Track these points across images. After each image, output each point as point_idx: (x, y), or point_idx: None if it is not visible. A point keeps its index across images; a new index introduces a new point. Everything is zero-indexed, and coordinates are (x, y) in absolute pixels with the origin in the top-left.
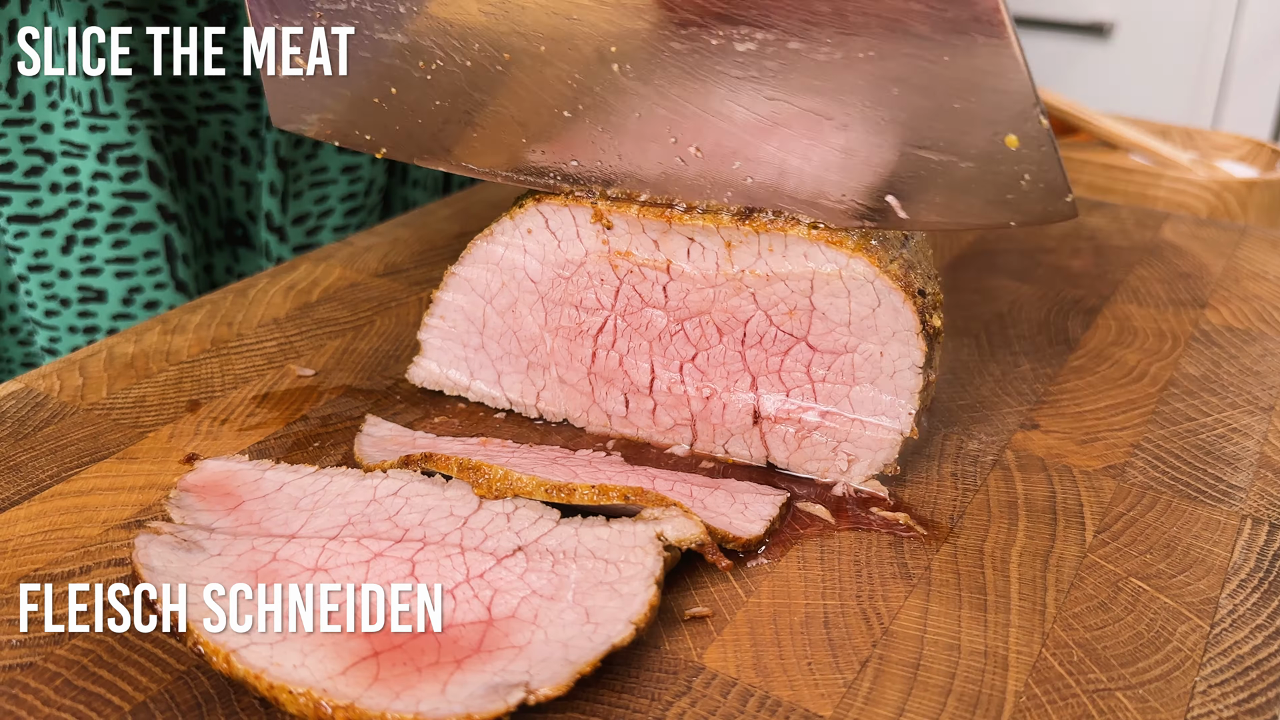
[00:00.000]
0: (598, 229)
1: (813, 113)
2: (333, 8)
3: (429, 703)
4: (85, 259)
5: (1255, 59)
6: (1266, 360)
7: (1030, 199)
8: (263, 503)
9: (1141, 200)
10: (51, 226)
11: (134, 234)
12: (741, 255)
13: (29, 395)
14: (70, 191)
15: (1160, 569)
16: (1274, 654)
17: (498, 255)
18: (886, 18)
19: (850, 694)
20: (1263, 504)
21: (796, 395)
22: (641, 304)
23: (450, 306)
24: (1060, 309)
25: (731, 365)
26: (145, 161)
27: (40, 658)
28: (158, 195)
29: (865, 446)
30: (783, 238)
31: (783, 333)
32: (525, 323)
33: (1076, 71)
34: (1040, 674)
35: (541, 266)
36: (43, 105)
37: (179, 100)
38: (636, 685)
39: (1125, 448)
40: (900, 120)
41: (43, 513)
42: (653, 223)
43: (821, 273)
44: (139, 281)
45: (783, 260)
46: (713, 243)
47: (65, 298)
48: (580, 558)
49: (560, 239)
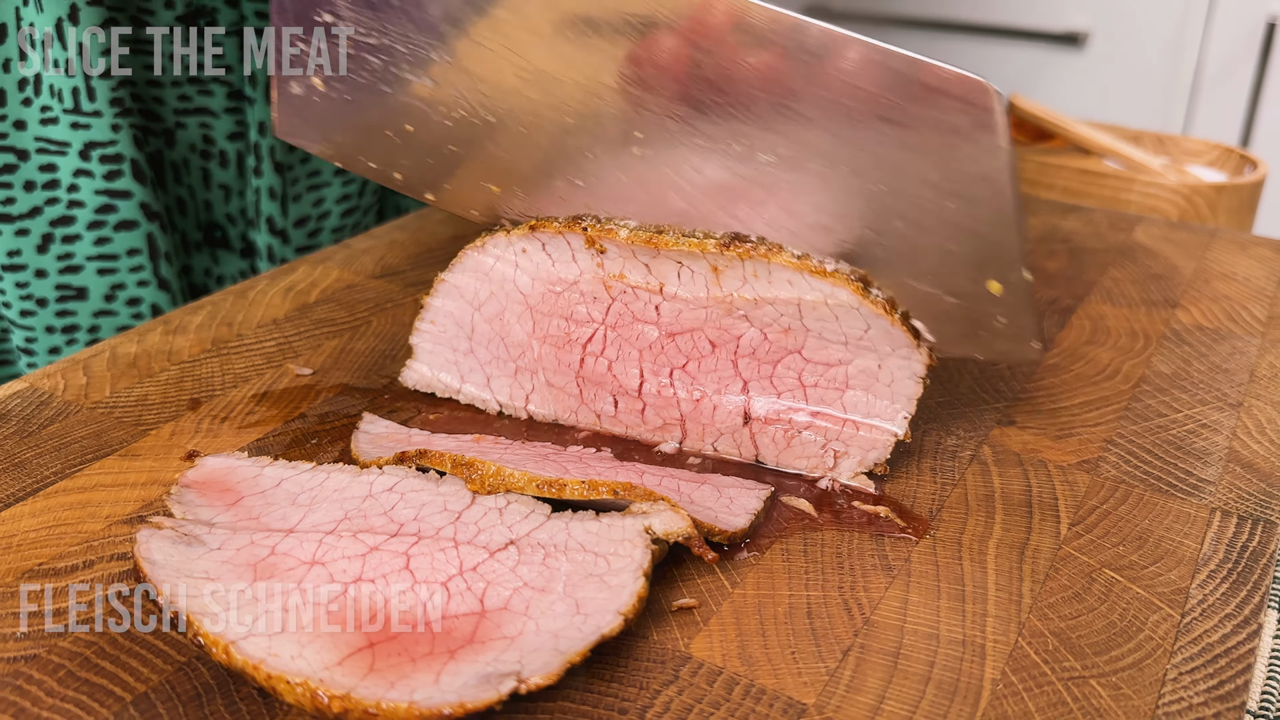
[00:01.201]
0: (592, 253)
1: (819, 226)
2: (363, 39)
3: (423, 692)
4: (64, 257)
5: (1224, 68)
6: (1235, 358)
7: (1001, 339)
8: (261, 498)
9: (1115, 204)
10: (27, 225)
11: (117, 231)
12: (728, 280)
13: (34, 394)
14: (48, 189)
15: (1132, 560)
16: (1242, 642)
17: (488, 266)
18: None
19: (833, 682)
20: (1231, 497)
21: (788, 398)
22: (634, 319)
23: (440, 312)
24: (1036, 309)
25: (723, 372)
26: (129, 160)
27: (44, 650)
28: (141, 194)
29: (857, 446)
30: (766, 265)
31: (777, 346)
32: (512, 330)
33: (1052, 79)
34: (1017, 662)
35: (532, 281)
36: (15, 102)
37: (156, 102)
38: (625, 674)
39: (1099, 443)
40: (898, 252)
41: (47, 508)
42: (642, 248)
43: (807, 300)
44: (122, 279)
45: (768, 286)
46: (700, 267)
47: (42, 297)
48: (570, 551)
49: (555, 260)
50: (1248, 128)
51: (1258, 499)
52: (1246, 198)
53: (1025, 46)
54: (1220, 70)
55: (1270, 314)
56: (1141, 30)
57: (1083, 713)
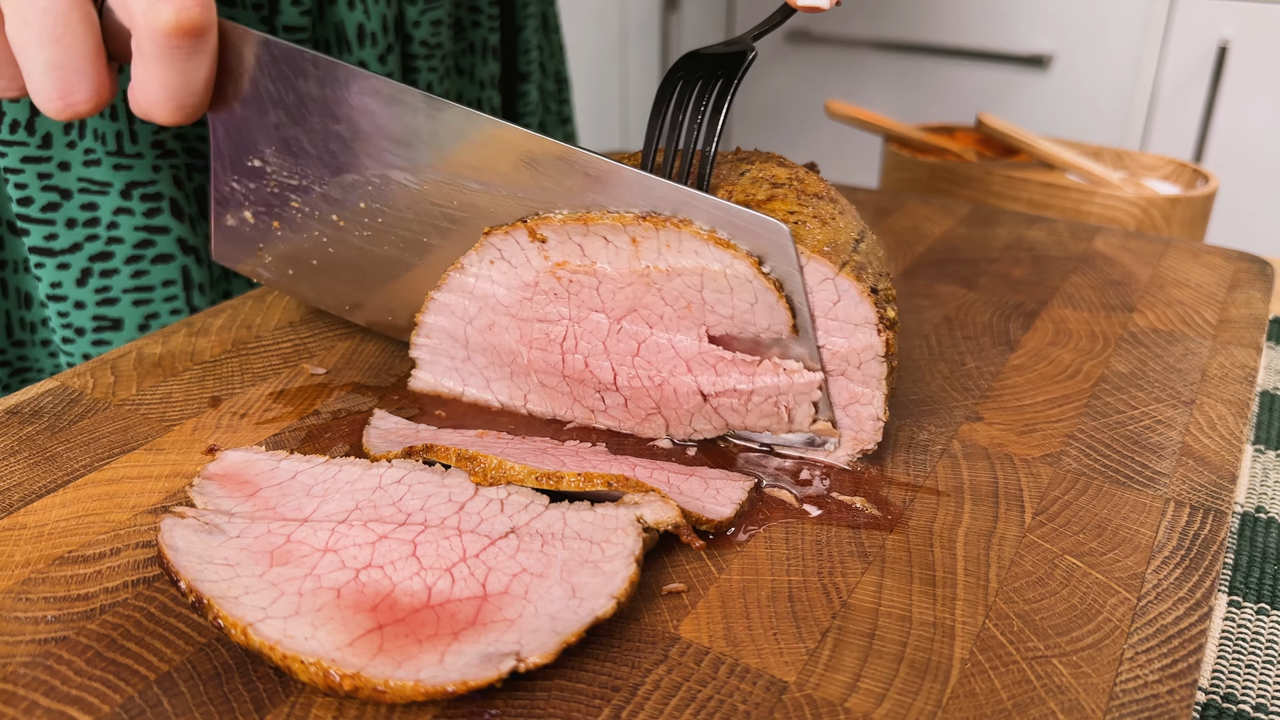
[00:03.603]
0: (537, 246)
1: None
2: (286, 180)
3: (428, 671)
4: (101, 290)
5: (1179, 88)
6: (1188, 359)
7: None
8: (278, 490)
9: (1076, 215)
10: (68, 260)
11: (154, 265)
12: (645, 251)
13: (64, 392)
14: (88, 226)
15: (1092, 547)
16: (1194, 624)
17: (470, 285)
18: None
19: (812, 661)
20: (1184, 489)
21: (724, 369)
22: (587, 310)
23: (434, 328)
24: (1002, 313)
25: (666, 354)
26: (168, 198)
27: (73, 632)
28: (178, 229)
29: (797, 394)
30: (678, 234)
31: (686, 321)
32: (503, 339)
33: (1018, 99)
34: (984, 643)
35: (508, 291)
36: (60, 144)
37: (199, 140)
38: (618, 654)
39: (1061, 438)
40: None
41: (76, 499)
42: (574, 227)
43: (710, 270)
44: (156, 309)
45: (678, 255)
46: (622, 241)
47: (80, 327)
48: (567, 539)
49: (515, 265)
50: (1200, 144)
51: (1209, 490)
52: (1199, 209)
53: (993, 68)
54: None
55: (1221, 318)
56: (1101, 53)
57: (1045, 690)
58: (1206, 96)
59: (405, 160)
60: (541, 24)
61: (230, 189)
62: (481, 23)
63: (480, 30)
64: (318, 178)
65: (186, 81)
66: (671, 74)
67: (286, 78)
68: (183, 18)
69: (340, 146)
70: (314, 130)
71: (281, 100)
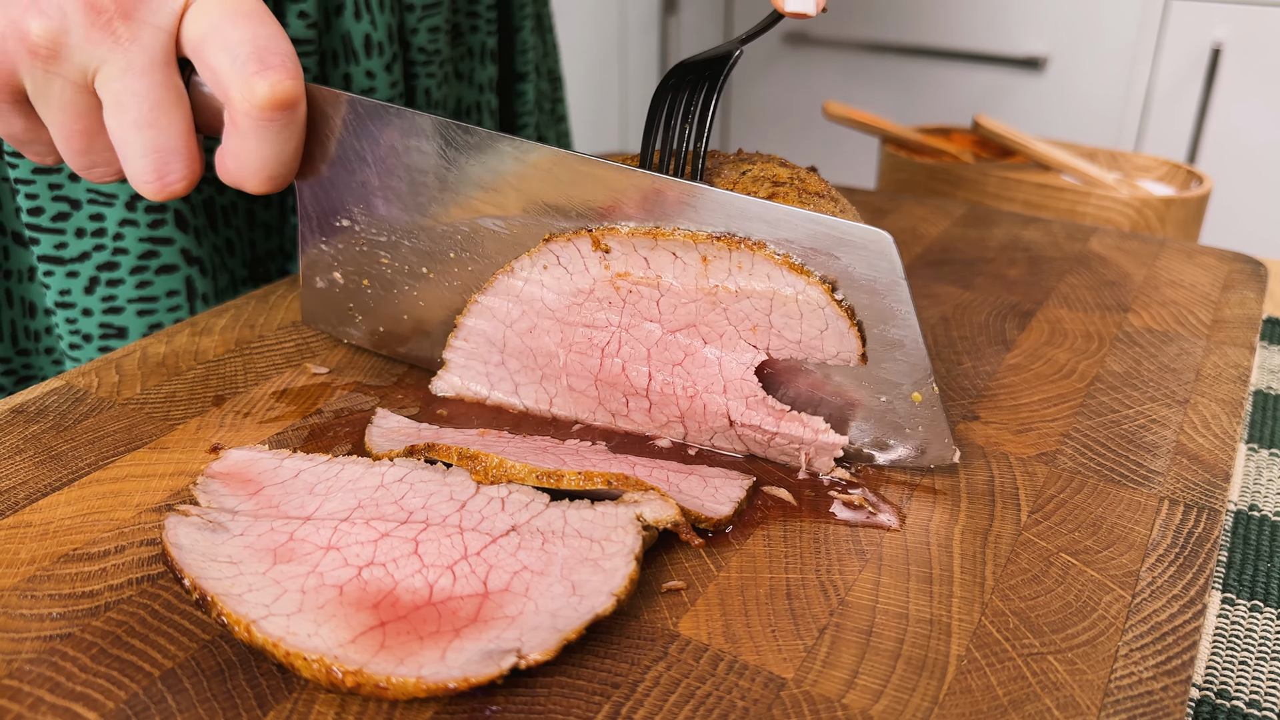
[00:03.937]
0: (599, 255)
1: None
2: (375, 238)
3: (430, 668)
4: (107, 299)
5: (1173, 90)
6: (1182, 359)
7: (920, 439)
8: (281, 488)
9: (1071, 215)
10: (76, 268)
11: (158, 275)
12: (715, 270)
13: (70, 391)
14: (95, 236)
15: (1087, 545)
16: (1188, 621)
17: (518, 289)
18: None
19: (810, 658)
20: (1178, 487)
21: (756, 407)
22: (641, 318)
23: (474, 331)
24: (998, 313)
25: (710, 368)
26: (172, 210)
27: (78, 629)
28: (182, 240)
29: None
30: (750, 256)
31: (746, 344)
32: (543, 342)
33: (1014, 101)
34: (980, 639)
35: (558, 296)
36: None
37: (208, 153)
38: (618, 651)
39: (1056, 437)
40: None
41: (81, 497)
42: (642, 240)
43: (781, 294)
44: (159, 319)
45: (749, 278)
46: (691, 258)
47: (87, 333)
48: (567, 537)
49: (571, 271)
50: (1194, 145)
51: (1202, 489)
52: (1193, 210)
53: (990, 70)
54: (1169, 92)
55: (1214, 318)
56: (1096, 55)
57: (1041, 686)
58: (1200, 98)
59: (494, 206)
60: (536, 24)
61: (319, 251)
62: (480, 26)
63: (478, 34)
64: (407, 232)
65: (280, 152)
66: (663, 85)
67: (372, 134)
68: (277, 91)
69: (428, 198)
70: (401, 183)
71: (367, 157)
